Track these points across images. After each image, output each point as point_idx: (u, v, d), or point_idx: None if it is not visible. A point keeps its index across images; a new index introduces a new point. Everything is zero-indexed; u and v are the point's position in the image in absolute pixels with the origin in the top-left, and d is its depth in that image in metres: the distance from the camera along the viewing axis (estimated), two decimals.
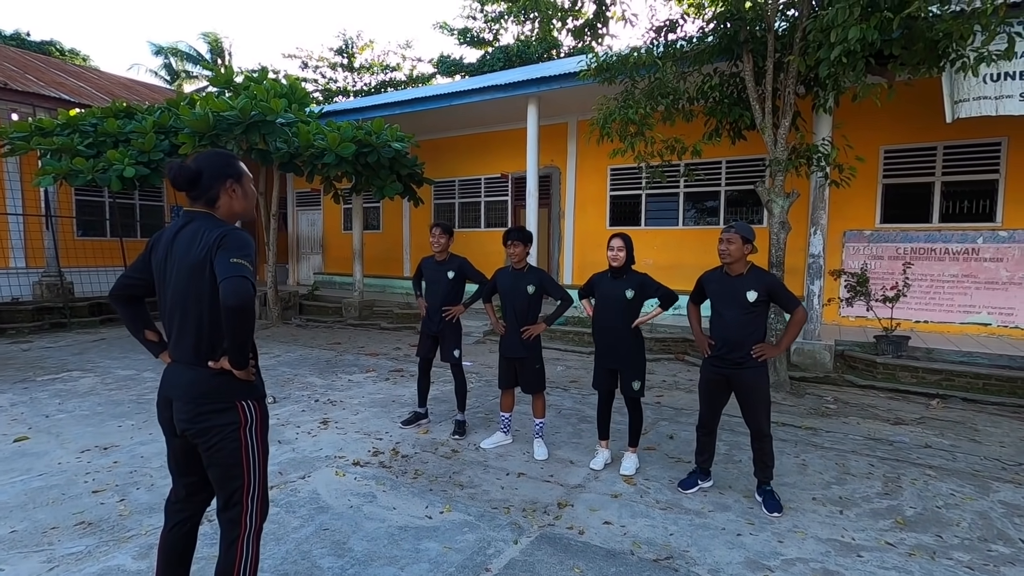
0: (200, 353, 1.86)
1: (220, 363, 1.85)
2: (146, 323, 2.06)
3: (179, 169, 1.87)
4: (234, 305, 1.70)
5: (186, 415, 1.86)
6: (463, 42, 24.34)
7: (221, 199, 1.93)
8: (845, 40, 4.28)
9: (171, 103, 8.29)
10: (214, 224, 1.88)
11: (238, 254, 1.78)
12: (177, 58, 25.71)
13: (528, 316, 3.95)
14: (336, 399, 5.40)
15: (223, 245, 1.79)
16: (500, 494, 3.37)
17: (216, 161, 1.94)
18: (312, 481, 3.50)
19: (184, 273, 1.84)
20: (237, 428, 1.88)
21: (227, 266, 1.74)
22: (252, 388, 1.93)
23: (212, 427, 1.85)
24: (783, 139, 5.71)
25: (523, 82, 8.55)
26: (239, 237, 1.83)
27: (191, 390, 1.87)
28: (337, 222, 13.97)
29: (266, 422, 2.00)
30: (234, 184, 1.95)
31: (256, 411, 1.94)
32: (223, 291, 1.71)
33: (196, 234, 1.86)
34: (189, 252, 1.84)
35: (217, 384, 1.86)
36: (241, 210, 2.00)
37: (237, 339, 1.78)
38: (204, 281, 1.82)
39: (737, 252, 3.13)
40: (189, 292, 1.84)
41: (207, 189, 1.91)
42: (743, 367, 3.13)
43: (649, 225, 9.72)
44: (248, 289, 1.73)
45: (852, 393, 5.89)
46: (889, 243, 7.81)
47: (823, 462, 3.91)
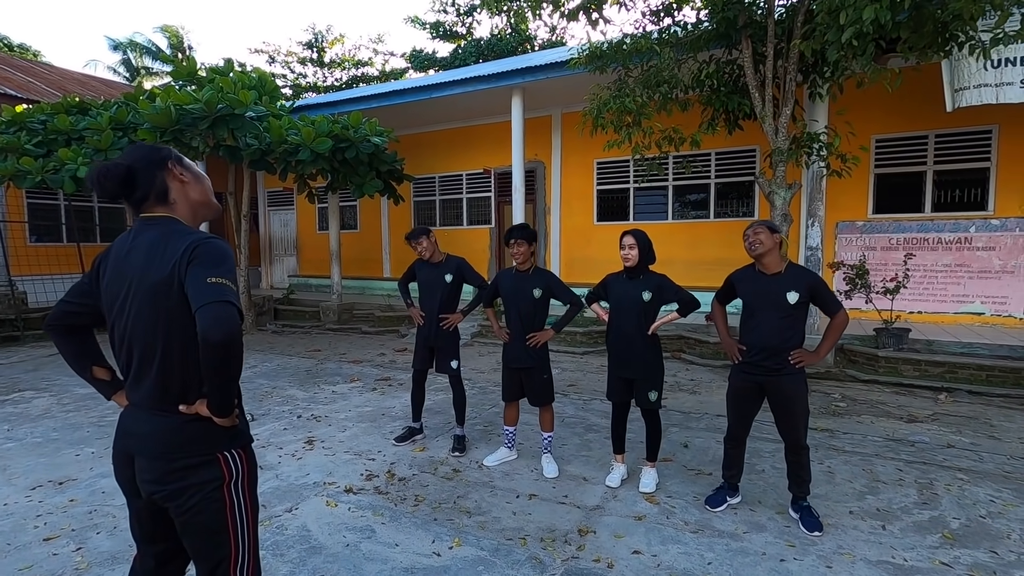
0: (168, 395, 1.48)
1: (195, 408, 1.48)
2: (94, 358, 1.65)
3: (105, 171, 1.46)
4: (219, 340, 1.33)
5: (153, 474, 1.48)
6: (435, 36, 23.81)
7: (172, 189, 1.56)
8: (859, 21, 4.05)
9: (129, 97, 7.69)
10: (179, 231, 1.50)
11: (217, 271, 1.40)
12: (136, 53, 24.52)
13: (534, 322, 3.62)
14: (320, 414, 4.99)
15: (195, 259, 1.41)
16: (512, 521, 3.05)
17: (144, 150, 1.56)
18: (301, 514, 3.12)
19: (144, 296, 1.45)
20: (220, 486, 1.51)
21: (204, 288, 1.37)
22: (236, 434, 1.56)
23: (187, 487, 1.47)
24: (784, 128, 5.50)
25: (507, 72, 8.19)
26: (215, 248, 1.45)
27: (158, 443, 1.48)
28: (312, 222, 13.41)
29: (254, 473, 1.62)
30: (174, 164, 1.57)
31: (242, 462, 1.56)
32: (203, 322, 1.34)
33: (156, 245, 1.46)
34: (149, 269, 1.45)
35: (192, 433, 1.49)
36: (200, 197, 1.62)
37: (221, 381, 1.41)
38: (171, 304, 1.43)
39: (768, 241, 2.85)
40: (152, 320, 1.45)
41: (149, 183, 1.52)
42: (780, 374, 2.86)
43: (638, 219, 9.48)
44: (234, 318, 1.36)
45: (857, 389, 5.73)
46: (882, 234, 7.71)
47: (849, 468, 3.69)
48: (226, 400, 1.45)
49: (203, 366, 1.38)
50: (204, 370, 1.39)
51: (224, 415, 1.47)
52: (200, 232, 1.52)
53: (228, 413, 1.48)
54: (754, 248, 2.88)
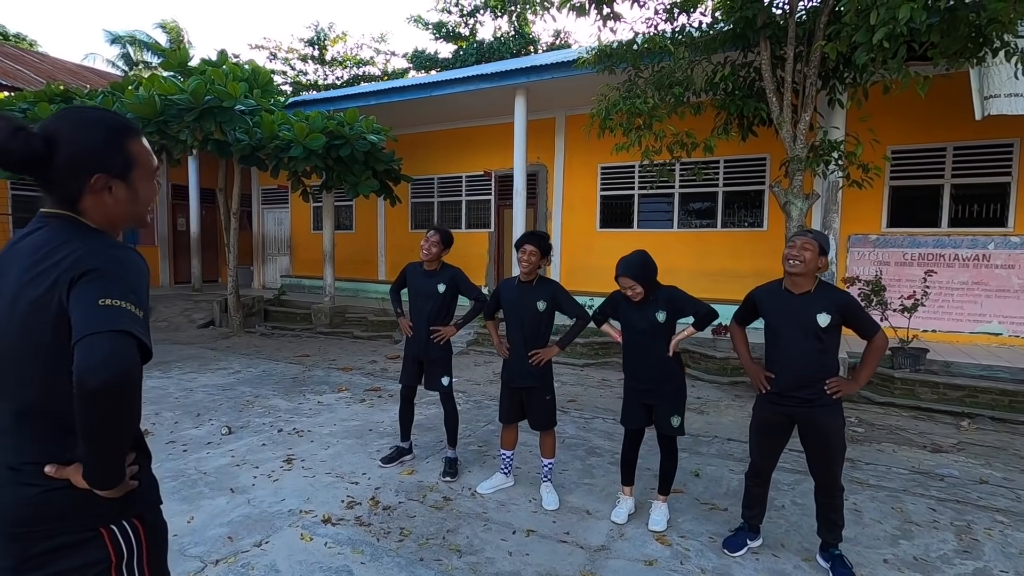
0: (32, 449, 1.10)
1: (67, 472, 1.08)
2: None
3: (12, 135, 1.05)
4: (96, 386, 0.95)
5: (9, 559, 1.09)
6: (438, 36, 23.54)
7: (85, 198, 1.14)
8: (893, 20, 3.76)
9: (116, 87, 7.36)
10: (73, 233, 1.12)
11: (113, 289, 1.03)
12: (135, 47, 24.18)
13: (538, 338, 3.30)
14: (303, 428, 4.65)
15: (91, 274, 1.04)
16: (508, 564, 2.72)
17: (85, 136, 1.13)
18: (271, 550, 2.78)
19: (15, 318, 1.08)
20: (106, 569, 1.12)
21: (92, 314, 1.00)
22: (131, 500, 1.16)
23: (57, 574, 1.09)
24: (803, 135, 5.20)
25: (511, 72, 7.90)
26: (118, 259, 1.09)
27: (15, 516, 1.08)
28: (306, 221, 13.08)
29: (160, 545, 1.24)
30: (112, 182, 1.15)
31: (139, 536, 1.17)
32: (79, 360, 0.96)
33: (42, 252, 1.09)
34: (24, 283, 1.07)
35: (59, 502, 1.09)
36: (123, 216, 1.20)
37: (101, 443, 1.02)
38: (45, 332, 1.06)
39: (812, 263, 2.52)
40: (18, 350, 1.08)
41: (62, 178, 1.12)
42: (814, 405, 2.54)
43: (642, 227, 9.19)
44: (126, 355, 0.99)
45: (873, 412, 5.43)
46: (896, 248, 7.43)
47: (877, 506, 3.37)
48: (108, 468, 1.05)
49: (78, 420, 1.00)
50: (80, 425, 1.00)
51: (105, 487, 1.07)
52: (101, 236, 1.14)
53: (112, 485, 1.08)
54: (793, 265, 2.54)
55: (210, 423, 4.71)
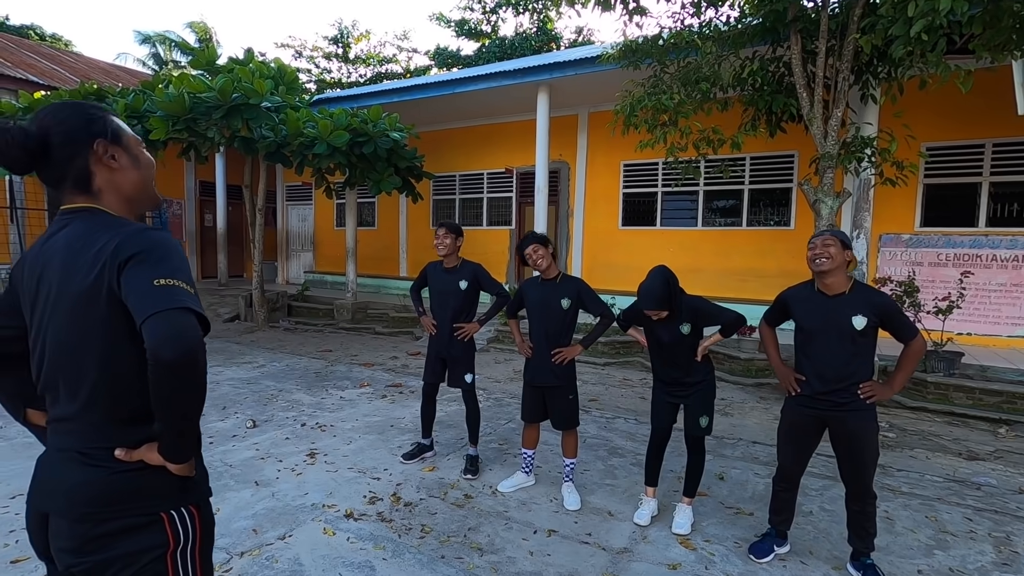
0: (99, 437, 1.14)
1: (139, 453, 1.14)
2: (29, 398, 1.29)
3: (3, 133, 1.10)
4: (173, 359, 1.01)
5: (73, 540, 1.12)
6: (460, 34, 23.57)
7: (95, 175, 1.18)
8: (932, 12, 3.62)
9: (146, 85, 7.51)
10: (104, 223, 1.15)
11: (164, 269, 1.08)
12: (165, 47, 24.72)
13: (561, 337, 3.26)
14: (326, 423, 4.70)
15: (133, 257, 1.08)
16: (529, 564, 2.70)
17: (67, 115, 1.17)
18: (294, 543, 2.81)
19: (65, 310, 1.12)
20: (161, 555, 1.16)
21: (150, 293, 1.04)
22: (189, 486, 1.21)
23: (116, 558, 1.12)
24: (835, 131, 5.07)
25: (534, 68, 7.85)
26: (156, 240, 1.13)
27: (82, 500, 1.12)
28: (329, 218, 13.22)
29: (210, 535, 1.27)
30: (107, 146, 1.19)
31: (194, 523, 1.21)
32: (152, 337, 1.01)
33: (76, 244, 1.13)
34: (69, 275, 1.11)
35: (128, 485, 1.13)
36: (132, 189, 1.24)
37: (179, 414, 1.08)
38: (100, 319, 1.10)
39: (838, 257, 2.45)
40: (75, 340, 1.12)
41: (65, 162, 1.16)
42: (846, 409, 2.46)
43: (665, 225, 9.07)
44: (194, 329, 1.05)
45: (905, 417, 5.27)
46: (930, 248, 7.20)
47: (910, 515, 3.27)
48: (185, 440, 1.13)
49: (154, 395, 1.05)
50: (155, 401, 1.06)
51: (182, 460, 1.14)
52: (133, 223, 1.18)
53: (187, 458, 1.15)
54: (820, 263, 2.47)
55: (236, 416, 4.79)
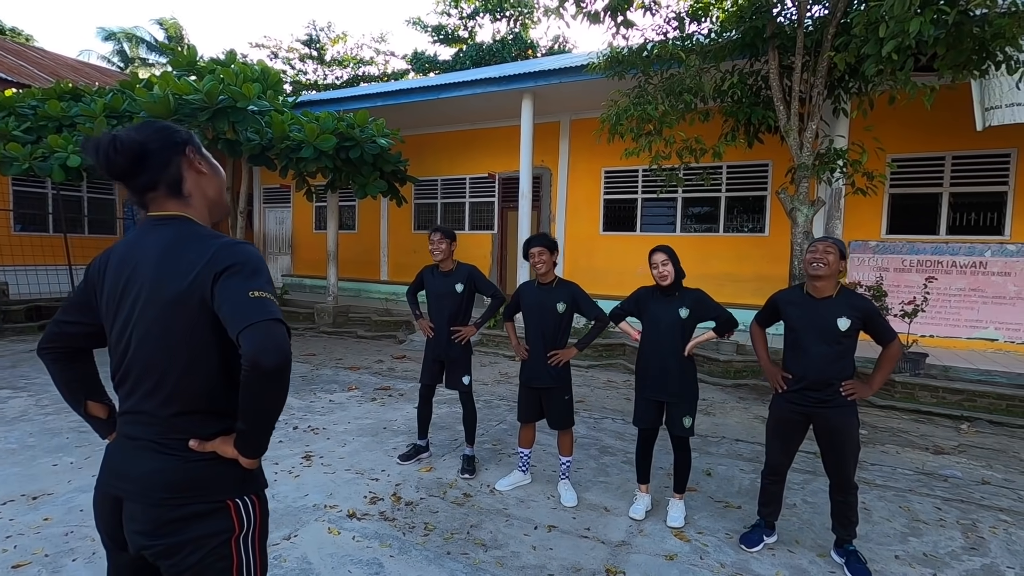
0: (173, 427, 1.23)
1: (213, 445, 1.23)
2: (90, 391, 1.39)
3: (111, 144, 1.19)
4: (273, 366, 1.10)
5: (147, 524, 1.21)
6: (437, 39, 23.62)
7: (187, 179, 1.31)
8: (903, 33, 3.88)
9: (125, 85, 7.37)
10: (197, 233, 1.25)
11: (257, 282, 1.17)
12: (131, 43, 24.10)
13: (557, 339, 3.38)
14: (318, 425, 4.70)
15: (231, 269, 1.17)
16: (533, 557, 2.79)
17: (159, 128, 1.29)
18: (301, 543, 2.84)
19: (155, 312, 1.21)
20: (227, 540, 1.24)
21: (247, 304, 1.13)
22: (251, 477, 1.29)
23: (188, 541, 1.21)
24: (809, 143, 5.32)
25: (519, 75, 7.98)
26: (249, 255, 1.22)
27: (158, 486, 1.21)
28: (308, 221, 13.10)
29: (267, 523, 1.36)
30: (194, 153, 1.32)
31: (255, 511, 1.30)
32: (251, 346, 1.10)
33: (170, 251, 1.22)
34: (161, 280, 1.20)
35: (197, 473, 1.23)
36: (215, 194, 1.37)
37: (268, 416, 1.18)
38: (189, 324, 1.19)
39: (834, 266, 2.62)
40: (164, 341, 1.21)
41: (162, 166, 1.27)
42: (829, 406, 2.64)
43: (645, 231, 9.30)
44: (286, 339, 1.14)
45: (874, 415, 5.54)
46: (895, 255, 7.57)
47: (885, 505, 3.48)
48: (264, 438, 1.22)
49: (246, 397, 1.14)
50: (247, 402, 1.15)
51: (256, 456, 1.23)
52: (225, 236, 1.28)
53: (262, 454, 1.24)
54: (817, 268, 2.64)
55: None
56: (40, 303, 9.29)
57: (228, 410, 1.26)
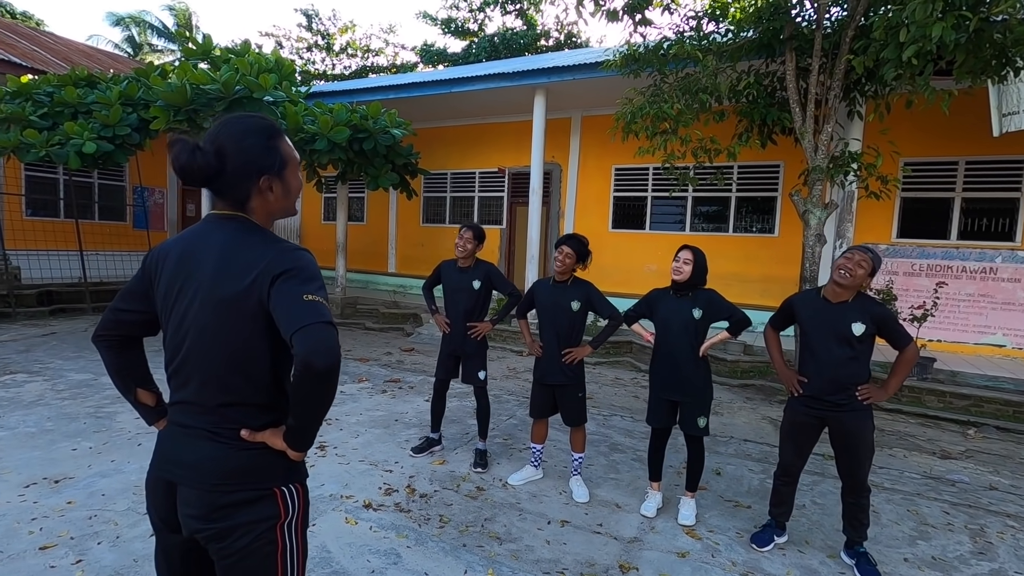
0: (229, 419, 1.28)
1: (263, 436, 1.29)
2: (141, 378, 1.45)
3: (191, 156, 1.24)
4: (324, 368, 1.14)
5: (200, 508, 1.27)
6: (447, 32, 23.54)
7: (252, 199, 1.34)
8: (924, 39, 3.87)
9: (140, 73, 7.39)
10: (257, 235, 1.30)
11: (311, 287, 1.22)
12: (139, 29, 24.06)
13: (571, 337, 3.41)
14: (330, 416, 4.76)
15: (288, 273, 1.22)
16: (547, 551, 2.84)
17: (247, 144, 1.30)
18: (319, 531, 2.90)
19: (212, 308, 1.26)
20: (273, 526, 1.30)
21: (301, 308, 1.18)
22: (296, 467, 1.35)
23: (237, 526, 1.26)
24: (824, 145, 5.32)
25: (533, 71, 7.97)
26: (306, 261, 1.27)
27: (212, 472, 1.27)
28: (317, 212, 13.15)
29: (307, 511, 1.41)
30: (272, 181, 1.33)
31: (299, 499, 1.36)
32: (304, 347, 1.14)
33: (229, 251, 1.27)
34: (220, 278, 1.25)
35: (249, 463, 1.29)
36: (280, 210, 1.40)
37: (317, 413, 1.23)
38: (245, 321, 1.24)
39: (860, 279, 2.63)
40: (219, 336, 1.26)
41: (232, 185, 1.30)
42: (844, 410, 2.67)
43: (654, 229, 9.30)
44: (337, 342, 1.18)
45: (881, 418, 5.56)
46: (905, 258, 7.56)
47: (893, 508, 3.51)
48: (312, 433, 1.28)
49: (297, 395, 1.19)
50: (298, 400, 1.20)
51: (305, 449, 1.30)
52: (283, 240, 1.32)
53: (308, 447, 1.30)
54: (843, 277, 2.63)
55: None
56: (52, 288, 9.37)
57: (277, 404, 1.32)
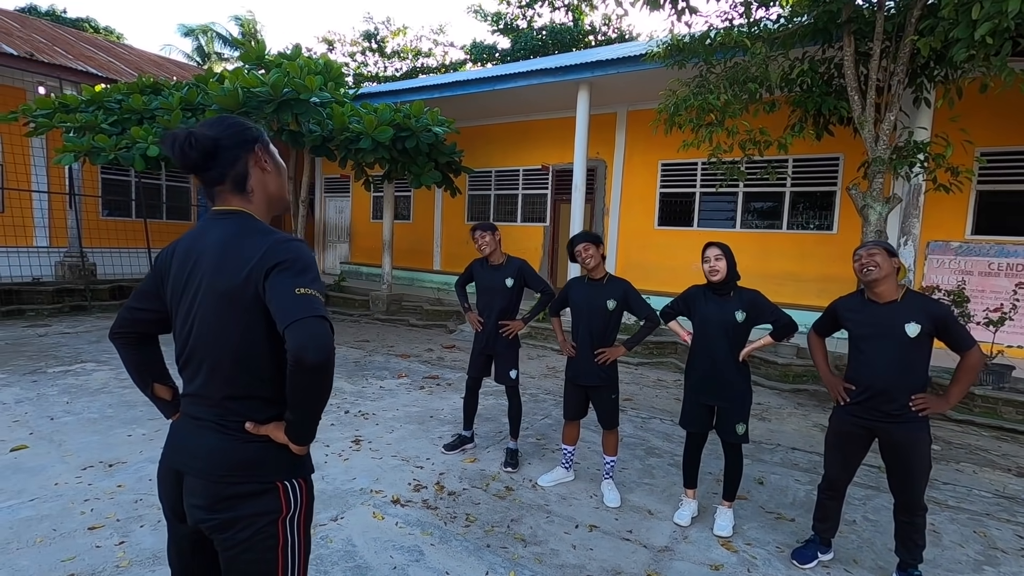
0: (233, 411, 1.30)
1: (267, 429, 1.29)
2: (157, 374, 1.49)
3: (187, 139, 1.28)
4: (315, 362, 1.14)
5: (204, 499, 1.29)
6: (496, 29, 23.61)
7: (252, 176, 1.37)
8: (1000, 15, 3.52)
9: (199, 79, 7.79)
10: (254, 228, 1.32)
11: (304, 279, 1.22)
12: (207, 38, 25.42)
13: (605, 337, 3.31)
14: (368, 411, 4.84)
15: (278, 265, 1.22)
16: (573, 556, 2.76)
17: (232, 125, 1.37)
18: (346, 525, 2.94)
19: (213, 302, 1.28)
20: (275, 520, 1.30)
21: (293, 301, 1.18)
22: (300, 461, 1.36)
23: (239, 518, 1.28)
24: (886, 135, 4.95)
25: (575, 66, 7.85)
26: (299, 251, 1.27)
27: (215, 462, 1.29)
28: (366, 210, 13.47)
29: (312, 506, 1.41)
30: (262, 151, 1.39)
31: (302, 494, 1.36)
32: (296, 341, 1.14)
33: (229, 245, 1.28)
34: (220, 272, 1.27)
35: (253, 455, 1.30)
36: (276, 190, 1.43)
37: (313, 407, 1.23)
38: (244, 314, 1.25)
39: (885, 266, 2.45)
40: (220, 329, 1.28)
41: (231, 163, 1.34)
42: (898, 421, 2.45)
43: (702, 226, 8.98)
44: (329, 336, 1.18)
45: (949, 429, 5.15)
46: (981, 257, 6.97)
47: (958, 529, 3.22)
48: (311, 427, 1.29)
49: (292, 390, 1.20)
50: (293, 394, 1.21)
51: (305, 443, 1.30)
52: (279, 232, 1.33)
53: (310, 441, 1.31)
54: (868, 272, 2.47)
55: None
56: (123, 283, 10.04)
57: (281, 397, 1.32)
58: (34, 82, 9.76)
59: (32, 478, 3.30)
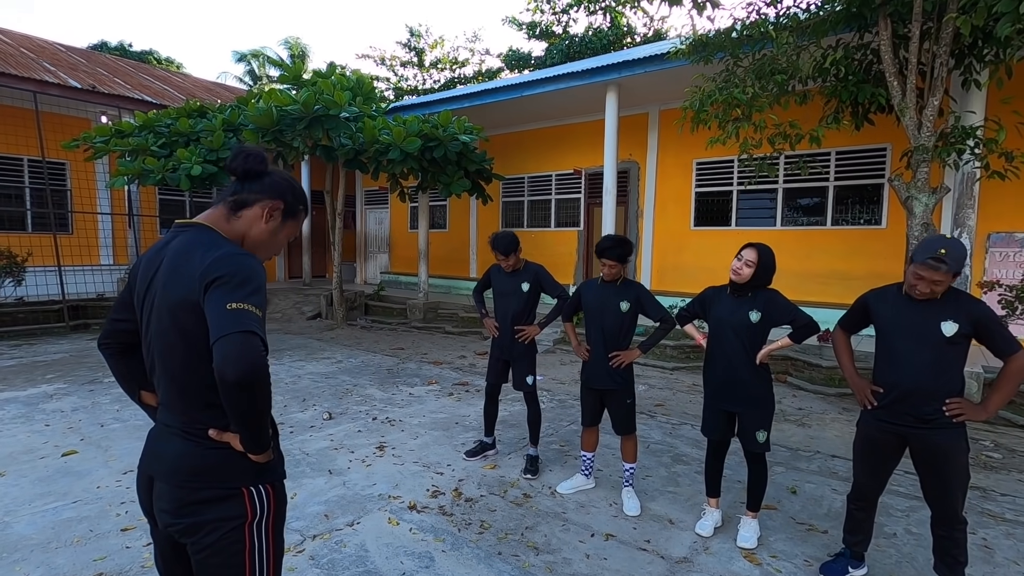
0: (194, 418, 1.33)
1: (228, 437, 1.32)
2: (143, 381, 1.53)
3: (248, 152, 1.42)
4: (235, 379, 1.14)
5: (170, 503, 1.32)
6: (532, 36, 23.70)
7: (251, 210, 1.42)
8: None
9: (241, 101, 8.19)
10: (205, 241, 1.33)
11: (239, 294, 1.21)
12: (259, 62, 26.67)
13: (619, 340, 3.24)
14: (395, 418, 4.91)
15: (219, 281, 1.22)
16: (585, 566, 2.70)
17: (287, 179, 1.50)
18: (361, 530, 2.97)
19: (164, 313, 1.31)
20: (240, 525, 1.33)
21: (223, 316, 1.18)
22: (266, 468, 1.37)
23: (204, 523, 1.31)
24: (930, 121, 4.65)
25: (601, 68, 7.78)
26: (239, 266, 1.26)
27: (179, 468, 1.33)
28: (404, 221, 13.75)
29: (282, 512, 1.43)
30: (278, 212, 1.46)
31: (269, 500, 1.38)
32: (217, 358, 1.15)
33: (180, 257, 1.31)
34: (170, 284, 1.30)
35: (215, 461, 1.32)
36: (256, 236, 1.44)
37: (246, 421, 1.24)
38: (192, 327, 1.27)
39: (943, 287, 2.21)
40: (172, 340, 1.30)
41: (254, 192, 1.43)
42: (932, 426, 2.27)
43: (741, 225, 8.69)
44: (254, 351, 1.17)
45: (1014, 436, 4.75)
46: None
47: (1013, 544, 2.95)
48: (257, 438, 1.29)
49: (224, 405, 1.21)
50: (227, 409, 1.23)
51: (258, 452, 1.31)
52: (227, 245, 1.34)
53: (262, 451, 1.31)
54: (923, 294, 2.23)
55: (314, 408, 5.11)
56: None
57: None
58: (96, 112, 10.50)
59: (78, 481, 3.51)
